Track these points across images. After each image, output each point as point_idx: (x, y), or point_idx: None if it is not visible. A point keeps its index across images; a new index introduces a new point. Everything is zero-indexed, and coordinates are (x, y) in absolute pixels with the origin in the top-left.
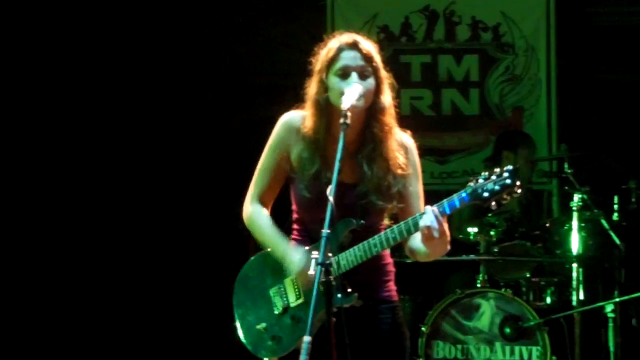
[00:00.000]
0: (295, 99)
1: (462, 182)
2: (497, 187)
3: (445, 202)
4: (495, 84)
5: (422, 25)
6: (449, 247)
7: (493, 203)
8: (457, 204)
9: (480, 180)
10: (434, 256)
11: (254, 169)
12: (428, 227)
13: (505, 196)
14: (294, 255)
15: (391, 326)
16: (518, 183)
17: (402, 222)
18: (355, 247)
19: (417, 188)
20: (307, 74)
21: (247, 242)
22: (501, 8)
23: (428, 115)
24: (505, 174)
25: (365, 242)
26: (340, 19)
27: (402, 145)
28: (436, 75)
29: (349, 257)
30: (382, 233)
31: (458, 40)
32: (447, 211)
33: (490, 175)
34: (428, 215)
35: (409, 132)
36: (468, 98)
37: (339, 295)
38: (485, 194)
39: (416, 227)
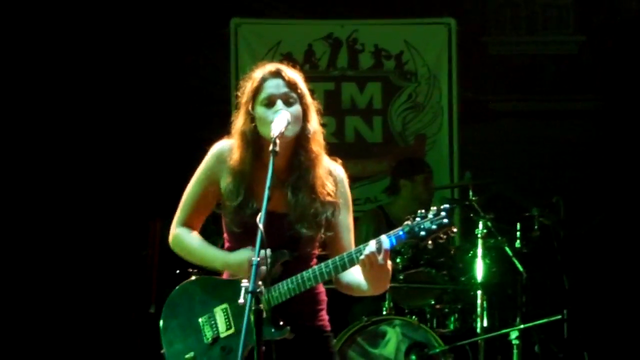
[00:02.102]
0: (202, 128)
1: (365, 209)
2: (434, 226)
3: (386, 236)
4: (398, 111)
5: (326, 52)
6: (388, 284)
7: (429, 242)
8: (394, 241)
9: (417, 219)
10: (373, 292)
11: (160, 194)
12: (368, 256)
13: (441, 235)
14: (238, 255)
15: (322, 356)
16: (454, 222)
17: (337, 257)
18: (288, 280)
19: (347, 219)
20: (211, 102)
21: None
22: (404, 36)
23: (331, 143)
24: (442, 213)
25: (299, 275)
26: (244, 46)
27: (331, 174)
28: (339, 102)
29: (282, 290)
30: (316, 267)
31: (361, 67)
32: (394, 242)
33: (426, 213)
34: (370, 246)
35: (339, 161)
36: (371, 126)
37: (272, 329)
38: (422, 233)
39: (352, 263)
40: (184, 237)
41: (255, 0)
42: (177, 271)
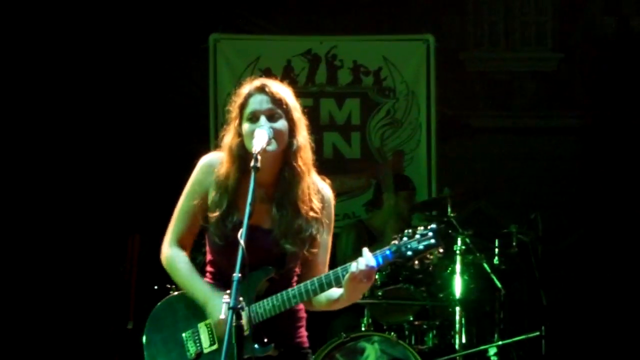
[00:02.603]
0: (181, 141)
1: (342, 225)
2: (420, 247)
3: (374, 254)
4: (377, 127)
5: (304, 68)
6: (360, 296)
7: (416, 262)
8: (380, 261)
9: (405, 239)
10: (342, 304)
11: (138, 210)
12: (355, 274)
13: (428, 256)
14: (216, 302)
15: None
16: (441, 242)
17: (322, 275)
18: (273, 297)
19: (327, 240)
20: (188, 116)
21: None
22: (382, 52)
23: None
24: (430, 234)
25: (284, 292)
26: (223, 61)
27: (319, 192)
28: (318, 118)
29: (266, 307)
30: (301, 285)
31: (340, 83)
32: (380, 261)
33: (414, 233)
34: (359, 264)
35: (328, 181)
36: (349, 141)
37: (256, 346)
38: (409, 253)
39: (337, 281)
40: (175, 261)
41: (234, 16)
42: (155, 287)
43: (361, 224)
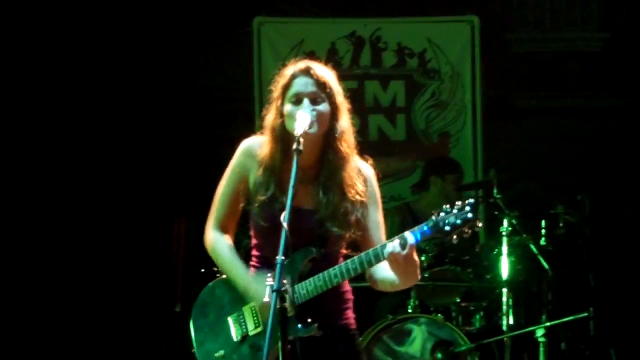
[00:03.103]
0: (224, 124)
1: (389, 207)
2: (458, 221)
3: (406, 233)
4: (422, 109)
5: (349, 51)
6: (419, 277)
7: (454, 237)
8: (419, 237)
9: (442, 214)
10: (403, 285)
11: (184, 193)
12: (391, 253)
13: (466, 230)
14: (257, 287)
15: (347, 355)
16: (479, 217)
17: (362, 254)
18: (315, 277)
19: (377, 217)
20: (233, 99)
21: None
22: (427, 34)
23: (355, 141)
24: (467, 208)
25: (325, 272)
26: (267, 45)
27: (361, 173)
28: (363, 101)
29: (309, 287)
30: (342, 264)
31: (384, 66)
32: (418, 238)
33: (452, 208)
34: (393, 244)
35: (370, 160)
36: (395, 124)
37: (299, 326)
38: (447, 228)
39: (377, 259)
40: (218, 246)
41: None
42: (202, 270)
43: (406, 206)
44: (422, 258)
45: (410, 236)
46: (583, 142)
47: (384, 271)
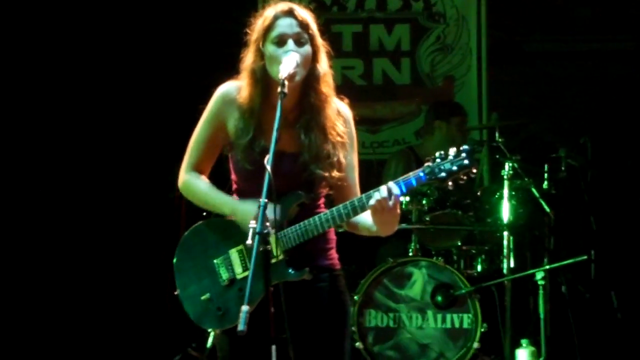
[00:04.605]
0: (229, 69)
1: (393, 151)
2: (454, 168)
3: (401, 179)
4: (426, 53)
5: None
6: (396, 227)
7: (450, 183)
8: (414, 182)
9: (437, 160)
10: (380, 233)
11: (187, 137)
12: (379, 201)
13: (462, 176)
14: (246, 206)
15: (332, 294)
16: (475, 163)
17: (355, 199)
18: (306, 222)
19: (353, 159)
20: (240, 44)
21: (179, 211)
22: None
23: (359, 85)
24: (463, 154)
25: (316, 217)
26: None
27: (340, 114)
28: (367, 44)
29: (299, 231)
30: (334, 208)
31: (389, 9)
32: (403, 189)
33: (446, 154)
34: (381, 191)
35: (346, 100)
36: (399, 68)
37: (290, 270)
38: (442, 174)
39: (364, 207)
40: (193, 182)
41: None
42: (204, 213)
43: (411, 150)
44: (424, 202)
45: (394, 187)
46: (590, 86)
47: (361, 216)
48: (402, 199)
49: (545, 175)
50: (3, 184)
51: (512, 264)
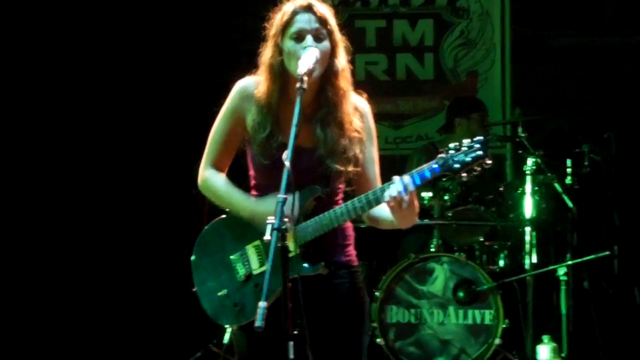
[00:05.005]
0: (250, 64)
1: (416, 146)
2: (468, 159)
3: (415, 172)
4: (450, 48)
5: None
6: (417, 218)
7: (464, 174)
8: (428, 174)
9: (451, 151)
10: (400, 226)
11: (208, 134)
12: (394, 197)
13: (476, 167)
14: (266, 206)
15: (350, 291)
16: (489, 154)
17: (369, 192)
18: (321, 216)
19: (372, 153)
20: (262, 39)
21: (202, 208)
22: None
23: (383, 80)
24: (476, 145)
25: (331, 211)
26: None
27: (357, 109)
28: (391, 40)
29: (315, 226)
30: (349, 202)
31: (412, 4)
32: (418, 182)
33: (460, 145)
34: (396, 185)
35: (365, 95)
36: (423, 63)
37: (305, 265)
38: (456, 165)
39: (379, 200)
40: (213, 181)
41: None
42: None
43: (433, 146)
44: (445, 197)
45: (408, 180)
46: (613, 81)
47: (381, 209)
48: (424, 194)
49: (569, 170)
50: (24, 182)
51: (534, 260)
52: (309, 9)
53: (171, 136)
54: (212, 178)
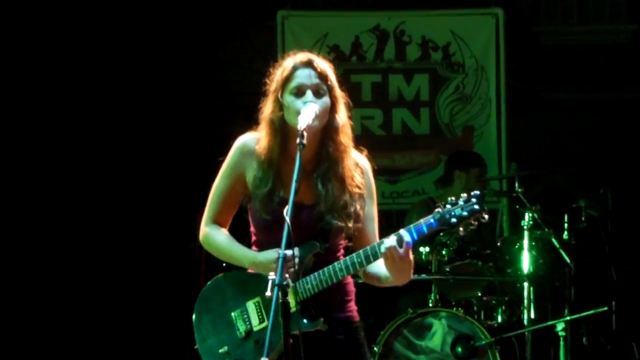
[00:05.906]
0: (248, 119)
1: (413, 201)
2: (465, 213)
3: (412, 227)
4: (446, 103)
5: (373, 44)
6: (412, 274)
7: (461, 229)
8: (425, 229)
9: (448, 206)
10: (395, 283)
11: (207, 187)
12: (390, 249)
13: (472, 222)
14: (266, 256)
15: (350, 347)
16: (485, 208)
17: (368, 247)
18: (320, 272)
19: (372, 210)
20: (260, 93)
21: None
22: (451, 27)
23: (379, 135)
24: (473, 200)
25: (330, 266)
26: (291, 38)
27: (358, 165)
28: (387, 94)
29: (314, 282)
30: (347, 258)
31: (408, 59)
32: (414, 236)
33: (457, 200)
34: (392, 239)
35: (365, 152)
36: (418, 117)
37: (305, 320)
38: (453, 220)
39: (378, 256)
40: (213, 235)
41: None
42: (224, 264)
43: (431, 201)
44: (443, 252)
45: (406, 234)
46: (609, 135)
47: (377, 267)
48: (421, 249)
49: (566, 225)
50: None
51: (532, 315)
52: (309, 64)
53: (171, 189)
54: (212, 232)
